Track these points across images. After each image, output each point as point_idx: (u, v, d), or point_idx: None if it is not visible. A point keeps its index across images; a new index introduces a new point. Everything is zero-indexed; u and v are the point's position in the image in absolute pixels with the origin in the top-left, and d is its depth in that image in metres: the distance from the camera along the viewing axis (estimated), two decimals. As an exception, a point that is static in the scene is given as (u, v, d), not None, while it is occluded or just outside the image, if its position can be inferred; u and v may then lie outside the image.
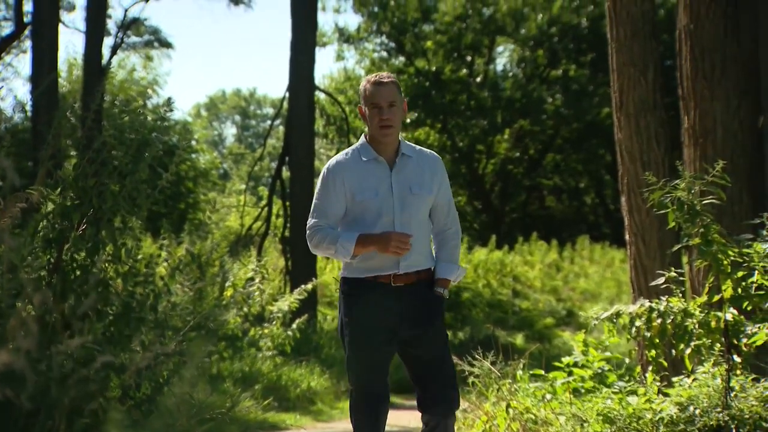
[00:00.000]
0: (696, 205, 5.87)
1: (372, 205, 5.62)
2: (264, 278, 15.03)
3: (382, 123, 5.60)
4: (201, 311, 10.18)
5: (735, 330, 6.08)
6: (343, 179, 5.66)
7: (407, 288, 5.65)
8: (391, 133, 5.64)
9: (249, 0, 28.28)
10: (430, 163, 5.81)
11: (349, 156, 5.78)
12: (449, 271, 5.80)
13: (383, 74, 5.76)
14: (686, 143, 9.06)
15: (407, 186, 5.67)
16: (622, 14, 8.94)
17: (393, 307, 5.60)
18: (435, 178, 5.77)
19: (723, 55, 8.89)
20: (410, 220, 5.63)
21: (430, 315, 5.69)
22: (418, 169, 5.73)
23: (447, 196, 5.87)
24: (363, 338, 5.63)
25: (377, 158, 5.68)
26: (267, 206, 20.10)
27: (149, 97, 37.62)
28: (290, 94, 18.41)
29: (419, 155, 5.82)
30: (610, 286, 24.71)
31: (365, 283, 5.67)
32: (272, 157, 42.83)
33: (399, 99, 5.67)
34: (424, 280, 5.73)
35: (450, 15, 33.98)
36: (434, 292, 5.74)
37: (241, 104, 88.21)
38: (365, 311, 5.64)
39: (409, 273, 5.65)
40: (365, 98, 5.69)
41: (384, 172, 5.68)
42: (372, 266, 5.64)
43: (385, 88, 5.64)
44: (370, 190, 5.64)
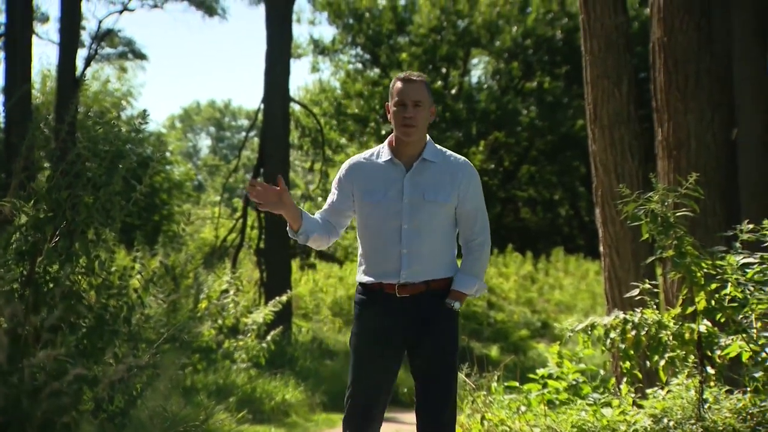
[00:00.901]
0: (669, 218, 5.88)
1: (379, 207, 5.44)
2: (238, 290, 15.01)
3: (405, 122, 5.39)
4: (175, 323, 10.12)
5: (708, 342, 6.10)
6: (352, 178, 5.54)
7: (415, 298, 5.40)
8: (413, 133, 5.41)
9: (224, 11, 28.30)
10: (454, 169, 5.53)
11: (368, 156, 5.63)
12: (465, 283, 5.48)
13: (414, 73, 5.53)
14: (660, 155, 9.09)
15: (421, 191, 5.42)
16: (596, 27, 8.98)
17: (397, 319, 5.38)
18: (458, 185, 5.48)
19: (696, 67, 8.93)
20: (420, 228, 5.39)
21: (433, 327, 5.41)
22: (438, 175, 5.47)
23: (474, 204, 5.56)
24: (363, 350, 5.45)
25: (393, 160, 5.49)
26: (242, 218, 20.05)
27: (123, 108, 37.52)
28: (265, 105, 18.39)
29: (445, 160, 5.55)
30: (584, 297, 24.76)
31: (372, 290, 5.47)
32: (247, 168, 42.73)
33: (427, 100, 5.45)
34: (436, 291, 5.43)
35: (425, 27, 34.04)
36: (445, 303, 5.43)
37: (216, 116, 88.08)
38: (369, 322, 5.47)
39: (415, 283, 5.39)
40: (392, 95, 5.47)
41: (397, 175, 5.46)
42: (374, 271, 5.45)
43: (413, 86, 5.44)
44: (378, 192, 5.46)
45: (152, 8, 27.92)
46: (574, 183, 38.94)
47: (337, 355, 15.56)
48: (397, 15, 35.07)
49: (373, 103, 34.67)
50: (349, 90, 35.74)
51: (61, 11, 18.27)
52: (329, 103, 36.06)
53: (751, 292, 5.78)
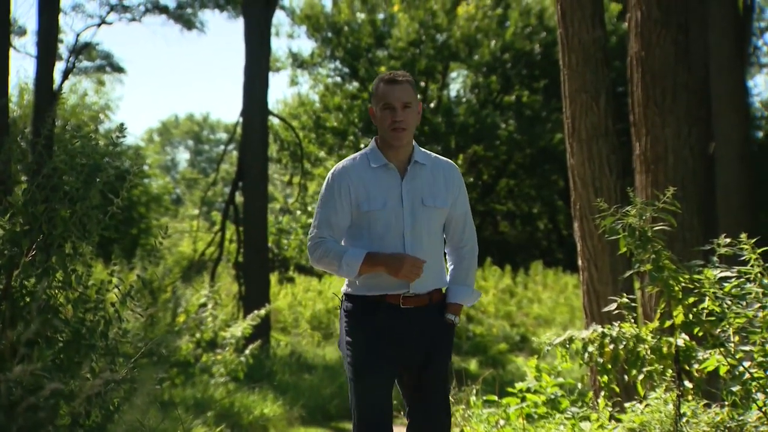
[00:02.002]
0: (647, 232, 5.89)
1: (380, 216, 5.19)
2: (217, 304, 14.99)
3: (394, 125, 5.17)
4: (153, 337, 10.12)
5: (686, 356, 6.11)
6: (348, 187, 5.23)
7: (418, 311, 5.20)
8: (404, 136, 5.19)
9: (202, 25, 28.23)
10: (445, 172, 5.36)
11: (357, 161, 5.33)
12: (462, 295, 5.34)
13: (398, 72, 5.31)
14: (638, 169, 9.13)
15: (419, 197, 5.23)
16: (574, 41, 9.00)
17: (401, 331, 5.16)
18: (450, 188, 5.34)
19: (674, 81, 8.97)
20: (422, 234, 5.20)
21: (437, 343, 5.25)
22: (431, 179, 5.30)
23: (463, 209, 5.43)
24: (366, 364, 5.16)
25: (387, 165, 5.25)
26: (220, 231, 20.03)
27: (101, 122, 37.45)
28: (244, 119, 18.39)
29: (434, 163, 5.37)
30: (563, 311, 24.78)
31: (371, 302, 5.21)
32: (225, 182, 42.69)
33: (414, 100, 5.23)
34: (436, 303, 5.29)
35: (403, 41, 34.08)
36: (445, 319, 5.29)
37: (194, 129, 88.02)
38: (370, 334, 5.18)
39: (420, 294, 5.20)
40: (377, 97, 5.26)
41: (394, 181, 5.24)
42: (379, 284, 5.17)
43: (400, 88, 5.20)
44: (378, 199, 5.20)
45: (130, 21, 27.84)
46: (552, 197, 39.00)
47: (315, 369, 15.53)
48: (375, 29, 35.11)
49: (351, 117, 34.67)
50: (328, 103, 35.74)
51: (38, 24, 18.20)
52: (308, 116, 36.04)
53: (729, 306, 5.79)
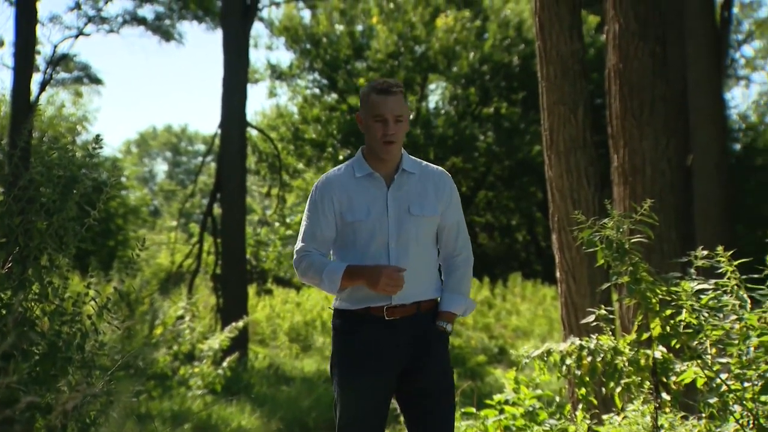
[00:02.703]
0: (625, 244, 5.90)
1: (364, 226, 5.04)
2: (194, 316, 14.97)
3: (386, 138, 5.02)
4: (130, 350, 10.09)
5: (664, 368, 6.12)
6: (332, 197, 5.10)
7: (405, 321, 5.03)
8: (394, 149, 5.06)
9: (180, 36, 28.17)
10: (435, 180, 5.21)
11: (342, 171, 5.19)
12: (454, 303, 5.17)
13: (391, 81, 5.09)
14: (616, 181, 9.15)
15: (405, 206, 5.08)
16: (552, 54, 9.02)
17: (387, 344, 5.00)
18: (441, 197, 5.18)
19: (651, 94, 9.00)
20: (408, 245, 5.03)
21: (427, 349, 5.07)
22: (420, 187, 5.15)
23: (456, 217, 5.25)
24: (352, 381, 5.03)
25: (372, 174, 5.11)
26: (198, 243, 19.99)
27: (79, 133, 37.32)
28: (222, 130, 18.37)
29: (423, 171, 5.22)
30: (541, 323, 24.80)
31: (356, 316, 5.06)
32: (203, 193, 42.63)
33: (406, 111, 5.08)
34: (426, 313, 5.11)
35: (382, 52, 34.11)
36: (437, 326, 5.11)
37: (172, 140, 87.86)
38: (355, 350, 5.04)
39: (405, 304, 5.02)
40: (368, 108, 5.08)
41: (379, 190, 5.10)
42: (364, 296, 5.01)
43: (393, 100, 5.02)
44: (362, 209, 5.06)
45: (108, 33, 27.75)
46: (531, 208, 39.07)
47: (293, 381, 15.49)
48: (354, 40, 35.13)
49: (330, 129, 34.67)
50: (307, 115, 35.74)
51: (15, 36, 18.14)
52: (286, 128, 36.02)
53: (706, 319, 5.80)
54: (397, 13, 34.43)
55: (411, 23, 34.12)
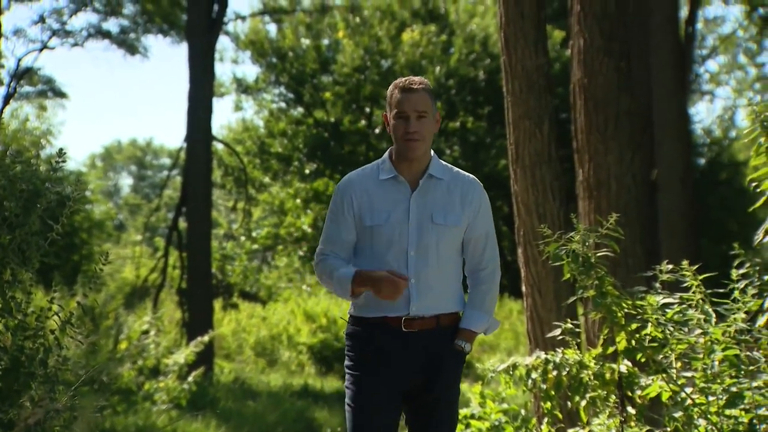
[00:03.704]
0: (590, 258, 5.91)
1: (382, 231, 4.86)
2: (160, 331, 14.91)
3: (407, 136, 4.86)
4: (94, 365, 10.02)
5: (629, 382, 6.13)
6: (352, 199, 4.93)
7: (422, 334, 4.83)
8: (417, 147, 4.88)
9: (145, 50, 28.09)
10: (464, 188, 5.02)
11: (366, 172, 5.04)
12: (475, 321, 4.95)
13: (415, 79, 4.98)
14: (581, 196, 9.18)
15: (428, 213, 4.88)
16: (517, 68, 9.03)
17: (402, 357, 4.82)
18: (468, 206, 4.99)
19: (616, 109, 9.03)
20: (427, 254, 4.84)
21: (440, 370, 4.88)
22: (447, 195, 4.96)
23: (484, 229, 5.07)
24: (363, 393, 4.85)
25: (397, 177, 4.93)
26: (163, 257, 19.93)
27: (43, 147, 37.13)
28: (188, 144, 18.34)
29: (453, 178, 5.04)
30: (507, 337, 24.84)
31: (372, 324, 4.87)
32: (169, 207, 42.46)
33: (431, 109, 4.93)
34: (446, 327, 4.90)
35: (348, 66, 34.12)
36: (454, 345, 4.90)
37: (137, 154, 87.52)
38: (369, 360, 4.86)
39: (424, 317, 4.83)
40: (391, 105, 4.96)
41: (403, 194, 4.91)
42: (380, 304, 4.81)
43: (415, 95, 4.88)
44: (382, 213, 4.88)
45: (72, 47, 27.64)
46: (497, 222, 39.00)
47: (260, 396, 15.45)
48: (320, 54, 35.12)
49: (296, 142, 34.63)
50: (273, 129, 35.68)
51: (-21, 49, 18.05)
52: (252, 141, 35.95)
53: (671, 332, 5.82)
54: (363, 28, 34.48)
55: (377, 37, 34.16)
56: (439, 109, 4.61)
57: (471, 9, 34.58)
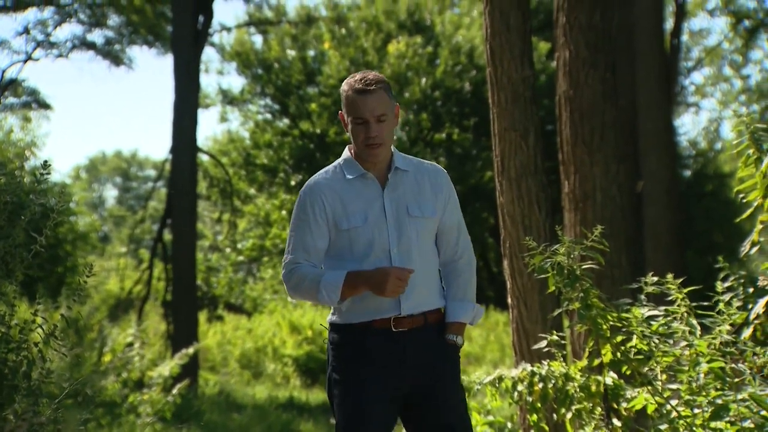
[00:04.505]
0: (576, 270, 5.90)
1: (361, 233, 4.61)
2: (144, 343, 14.87)
3: (368, 141, 4.58)
4: (78, 378, 9.98)
5: (615, 394, 6.13)
6: (323, 204, 4.64)
7: (413, 334, 4.61)
8: (380, 152, 4.62)
9: (130, 61, 28.04)
10: (431, 177, 4.79)
11: (330, 174, 4.74)
12: (463, 311, 4.75)
13: (369, 75, 4.69)
14: (566, 208, 9.18)
15: (403, 207, 4.66)
16: (503, 80, 9.03)
17: (395, 359, 4.58)
18: (439, 195, 4.77)
19: (602, 120, 9.05)
20: (410, 250, 4.62)
21: (441, 368, 4.67)
22: (416, 186, 4.72)
23: (455, 217, 4.88)
24: (355, 403, 4.57)
25: (365, 175, 4.68)
26: (148, 269, 19.89)
27: (27, 159, 37.07)
28: (173, 156, 18.32)
29: (417, 168, 4.80)
30: (493, 349, 24.83)
31: (359, 329, 4.61)
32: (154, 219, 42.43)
33: (390, 108, 4.65)
34: (433, 324, 4.69)
35: (334, 78, 34.10)
36: (446, 340, 4.68)
37: (122, 166, 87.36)
38: (359, 367, 4.60)
39: (414, 315, 4.61)
40: (346, 107, 4.64)
41: (374, 192, 4.67)
42: (367, 307, 4.58)
43: (373, 98, 4.58)
44: (358, 215, 4.62)
45: (57, 58, 27.59)
46: (483, 234, 39.12)
47: (245, 408, 15.41)
48: (306, 66, 35.13)
49: (282, 154, 34.60)
50: (258, 140, 35.64)
51: (-37, 60, 18.03)
52: (238, 153, 35.90)
53: (656, 345, 5.82)
54: (349, 39, 34.51)
55: (363, 49, 34.20)
56: (396, 104, 4.19)
57: (457, 21, 34.64)
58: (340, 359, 4.66)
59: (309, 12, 35.01)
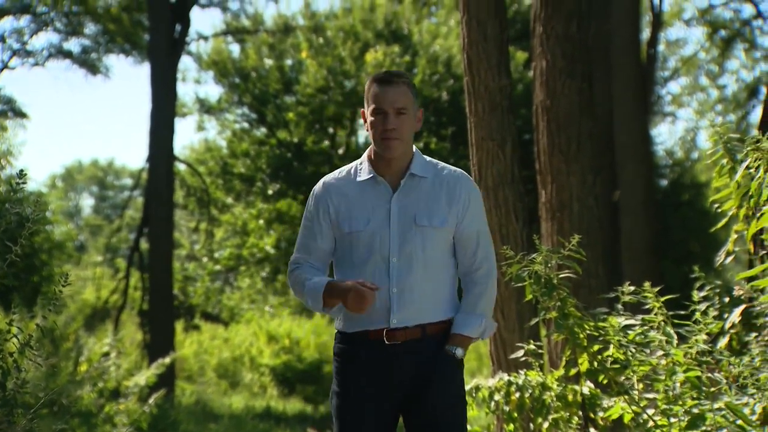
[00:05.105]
0: (553, 279, 5.91)
1: (362, 238, 4.52)
2: (120, 352, 14.80)
3: (385, 134, 4.51)
4: (54, 387, 9.93)
5: (591, 403, 6.13)
6: (328, 205, 4.61)
7: (407, 346, 4.49)
8: (395, 146, 4.53)
9: (107, 70, 27.98)
10: (450, 184, 4.66)
11: (343, 175, 4.69)
12: (467, 324, 4.57)
13: (393, 71, 4.68)
14: (544, 217, 9.20)
15: (411, 215, 4.53)
16: (480, 89, 9.04)
17: (386, 371, 4.49)
18: (455, 204, 4.61)
19: (578, 130, 9.07)
20: (411, 261, 4.49)
21: (432, 380, 4.50)
22: (431, 194, 4.60)
23: (476, 227, 4.70)
24: (349, 414, 4.54)
25: (375, 178, 4.59)
26: (124, 278, 19.83)
27: (2, 168, 36.93)
28: (149, 164, 18.30)
29: (437, 175, 4.68)
30: (471, 358, 24.82)
31: (355, 339, 4.55)
32: (130, 228, 42.23)
33: (411, 104, 4.61)
34: (433, 336, 4.54)
35: (312, 87, 34.08)
36: (444, 351, 4.53)
37: (99, 175, 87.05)
38: (353, 378, 4.55)
39: (407, 327, 4.48)
40: (368, 100, 4.60)
41: (383, 197, 4.57)
42: (360, 317, 4.48)
43: (394, 90, 4.54)
44: (361, 219, 4.54)
45: (33, 66, 27.49)
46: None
47: (221, 418, 15.36)
48: (283, 75, 35.08)
49: (259, 163, 34.53)
50: (236, 149, 35.55)
51: (-61, 68, 17.95)
52: (215, 162, 35.79)
53: (633, 354, 5.83)
54: (327, 48, 34.49)
55: (340, 58, 34.18)
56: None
57: (434, 30, 34.68)
58: (337, 369, 4.63)
59: (286, 21, 35.01)
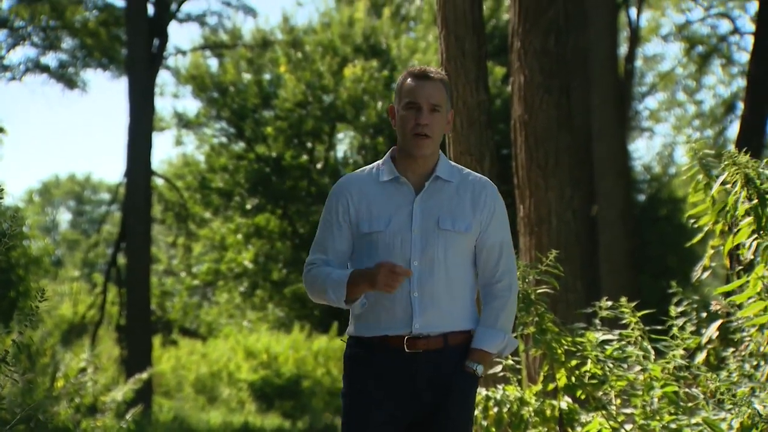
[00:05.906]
0: (531, 294, 5.91)
1: (382, 239, 4.34)
2: (97, 368, 14.72)
3: (417, 129, 4.32)
4: (30, 403, 9.88)
5: (569, 418, 6.12)
6: (348, 204, 4.43)
7: (428, 355, 4.30)
8: (426, 144, 4.35)
9: (84, 84, 27.86)
10: (476, 190, 4.46)
11: (365, 174, 4.55)
12: (488, 340, 4.36)
13: (432, 68, 4.49)
14: (522, 232, 9.20)
15: (434, 218, 4.34)
16: (459, 104, 9.04)
17: (403, 380, 4.30)
18: (480, 210, 4.41)
19: (556, 145, 9.09)
20: (433, 264, 4.30)
21: (449, 396, 4.31)
22: (456, 198, 4.41)
23: (499, 237, 4.45)
24: (360, 423, 4.34)
25: (399, 178, 4.41)
26: (102, 293, 19.76)
27: (-20, 182, 36.80)
28: (127, 179, 18.26)
29: (463, 180, 4.49)
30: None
31: (371, 344, 4.35)
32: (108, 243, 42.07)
33: (445, 103, 4.41)
34: (457, 347, 4.35)
35: (290, 102, 34.07)
36: (464, 367, 4.32)
37: (76, 189, 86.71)
38: (367, 385, 4.34)
39: (430, 335, 4.29)
40: (400, 94, 4.42)
41: (406, 198, 4.39)
42: (378, 319, 4.33)
43: (431, 86, 4.36)
44: (382, 219, 4.36)
45: (10, 81, 27.35)
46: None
47: (199, 434, 15.30)
48: (262, 89, 35.06)
49: (238, 177, 34.47)
50: (214, 164, 35.49)
51: None
52: (193, 176, 35.71)
53: (611, 369, 5.84)
54: (305, 63, 34.49)
55: (319, 73, 34.19)
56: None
57: (413, 45, 34.71)
58: (350, 374, 4.45)
59: (265, 35, 34.99)
